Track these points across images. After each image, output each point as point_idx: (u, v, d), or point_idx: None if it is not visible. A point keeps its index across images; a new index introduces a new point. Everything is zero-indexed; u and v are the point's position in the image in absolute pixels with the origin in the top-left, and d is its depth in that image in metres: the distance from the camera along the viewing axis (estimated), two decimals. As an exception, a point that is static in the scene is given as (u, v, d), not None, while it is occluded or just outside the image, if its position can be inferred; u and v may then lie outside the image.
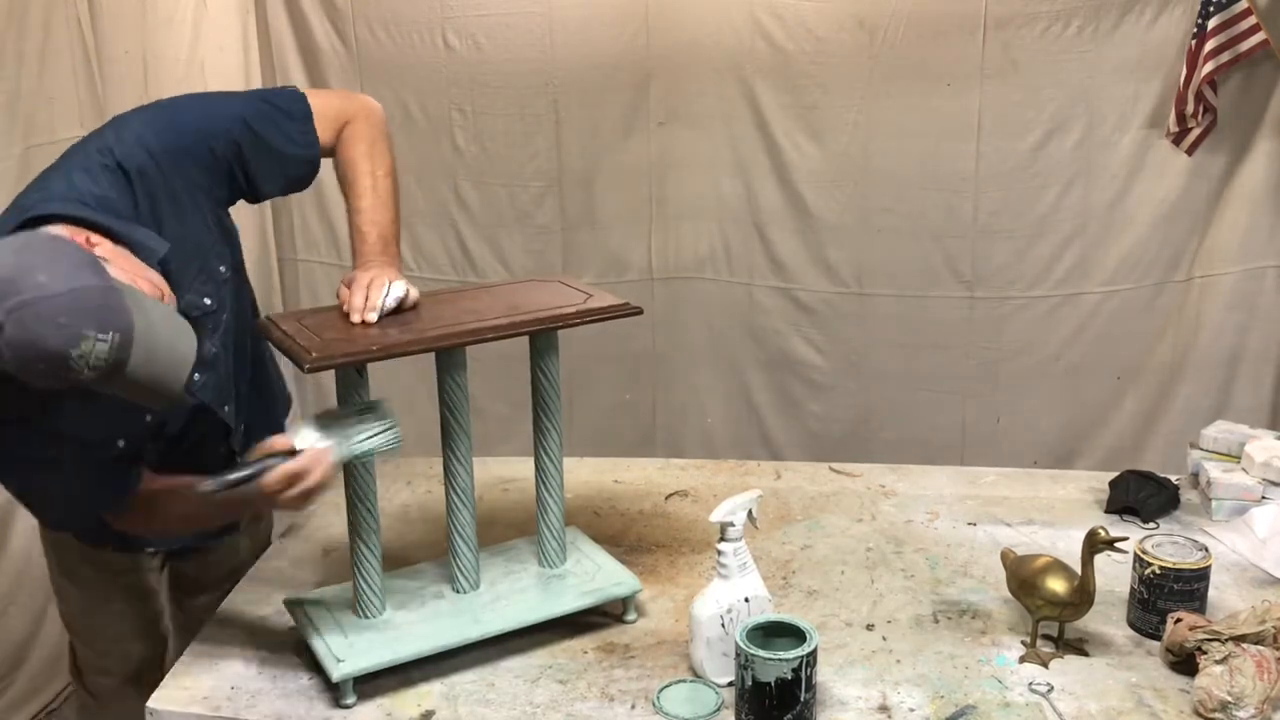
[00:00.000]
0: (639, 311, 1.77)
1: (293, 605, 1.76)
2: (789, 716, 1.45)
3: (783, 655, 1.45)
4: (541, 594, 1.78)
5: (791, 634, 1.51)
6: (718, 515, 1.61)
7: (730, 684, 1.56)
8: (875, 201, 3.29)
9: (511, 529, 2.05)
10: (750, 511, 1.62)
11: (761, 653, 1.46)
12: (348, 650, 1.62)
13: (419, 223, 3.47)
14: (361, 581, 1.70)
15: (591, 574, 1.82)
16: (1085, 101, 3.12)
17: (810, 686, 1.47)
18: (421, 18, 3.31)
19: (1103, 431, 3.38)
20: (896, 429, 3.44)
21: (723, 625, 1.60)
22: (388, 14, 3.33)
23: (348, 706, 1.58)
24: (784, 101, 3.26)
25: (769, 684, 1.44)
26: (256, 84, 3.41)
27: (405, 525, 2.13)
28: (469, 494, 1.75)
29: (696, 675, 1.62)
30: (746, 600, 1.61)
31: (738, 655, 1.48)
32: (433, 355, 1.68)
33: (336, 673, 1.57)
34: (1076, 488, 2.23)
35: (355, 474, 1.66)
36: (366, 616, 1.70)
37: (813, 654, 1.46)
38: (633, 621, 1.77)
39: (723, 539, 1.61)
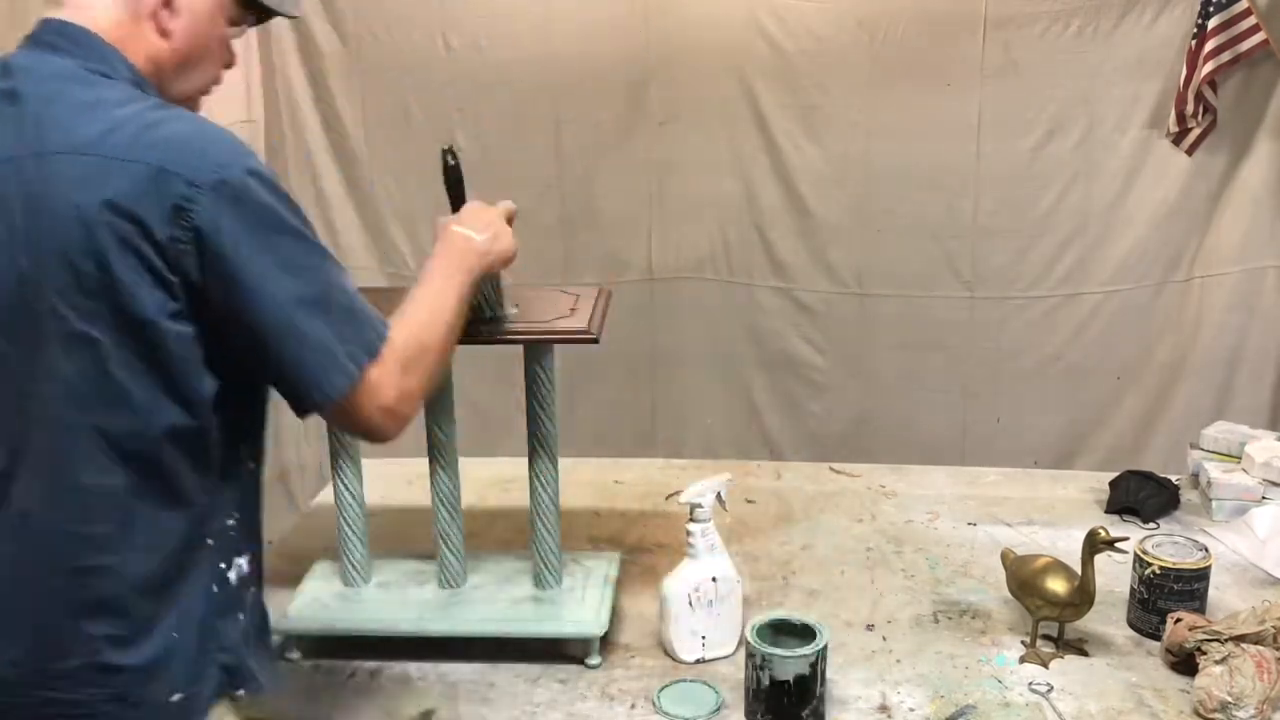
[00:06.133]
0: (594, 340, 1.64)
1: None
2: (807, 711, 1.47)
3: (801, 651, 1.47)
4: (509, 611, 1.71)
5: (791, 632, 1.52)
6: (687, 496, 1.65)
7: (697, 661, 1.63)
8: (875, 201, 3.28)
9: (510, 530, 2.05)
10: (719, 494, 1.66)
11: (780, 651, 1.47)
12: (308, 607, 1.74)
13: (419, 222, 3.46)
14: (346, 554, 1.78)
15: (571, 604, 1.72)
16: (1085, 101, 3.11)
17: (824, 681, 1.50)
18: (421, 18, 3.30)
19: (1103, 431, 3.38)
20: (896, 429, 3.44)
21: (690, 603, 1.63)
22: (388, 14, 3.32)
23: (290, 660, 1.68)
24: (784, 101, 3.25)
25: (787, 681, 1.46)
26: (256, 84, 3.40)
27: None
28: (451, 498, 1.75)
29: (666, 653, 1.66)
30: (714, 580, 1.65)
31: (751, 656, 1.49)
32: None
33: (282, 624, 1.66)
34: (1076, 488, 2.23)
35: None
36: (348, 585, 1.79)
37: (825, 648, 1.49)
38: (595, 666, 1.65)
39: (691, 519, 1.65)
